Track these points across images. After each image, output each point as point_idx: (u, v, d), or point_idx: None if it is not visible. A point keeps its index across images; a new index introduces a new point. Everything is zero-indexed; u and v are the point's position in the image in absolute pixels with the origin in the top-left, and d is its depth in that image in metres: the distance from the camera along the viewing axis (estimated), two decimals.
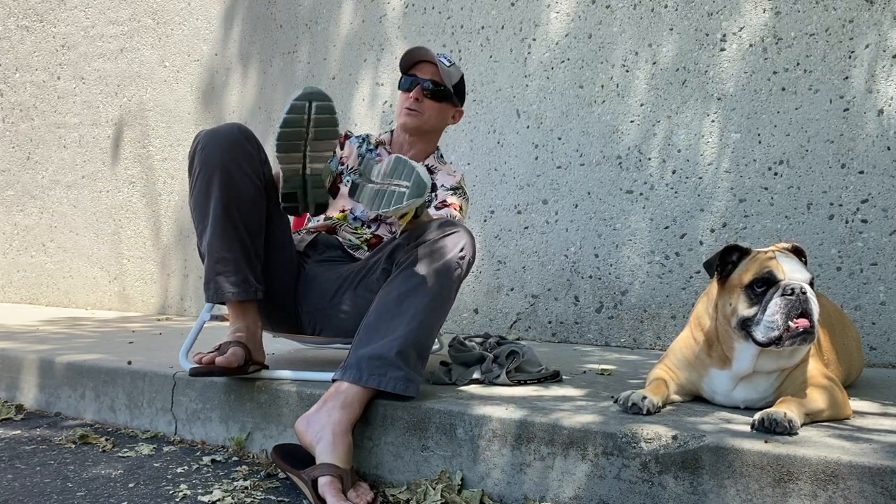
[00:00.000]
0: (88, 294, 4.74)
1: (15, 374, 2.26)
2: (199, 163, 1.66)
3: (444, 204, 1.92)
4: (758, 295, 1.36)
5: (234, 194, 1.65)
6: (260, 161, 1.72)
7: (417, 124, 1.96)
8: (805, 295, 1.32)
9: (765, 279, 1.36)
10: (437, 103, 1.96)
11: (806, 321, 1.31)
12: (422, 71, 1.96)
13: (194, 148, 1.67)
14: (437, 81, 1.94)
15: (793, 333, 1.31)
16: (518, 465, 1.35)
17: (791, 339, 1.31)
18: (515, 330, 3.21)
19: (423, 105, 1.94)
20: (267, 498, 1.40)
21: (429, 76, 1.95)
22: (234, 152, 1.64)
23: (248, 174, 1.67)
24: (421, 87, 1.94)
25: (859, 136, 2.55)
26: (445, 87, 1.95)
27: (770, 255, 1.40)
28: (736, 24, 2.77)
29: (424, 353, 1.55)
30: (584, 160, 3.08)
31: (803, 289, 1.32)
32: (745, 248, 1.45)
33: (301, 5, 3.94)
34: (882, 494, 1.06)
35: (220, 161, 1.63)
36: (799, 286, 1.32)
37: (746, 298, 1.38)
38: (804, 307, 1.31)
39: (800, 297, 1.31)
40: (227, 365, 1.59)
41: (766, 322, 1.33)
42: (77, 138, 4.83)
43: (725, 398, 1.47)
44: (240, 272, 1.67)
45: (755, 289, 1.37)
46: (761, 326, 1.34)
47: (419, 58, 1.96)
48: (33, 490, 1.43)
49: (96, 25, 4.78)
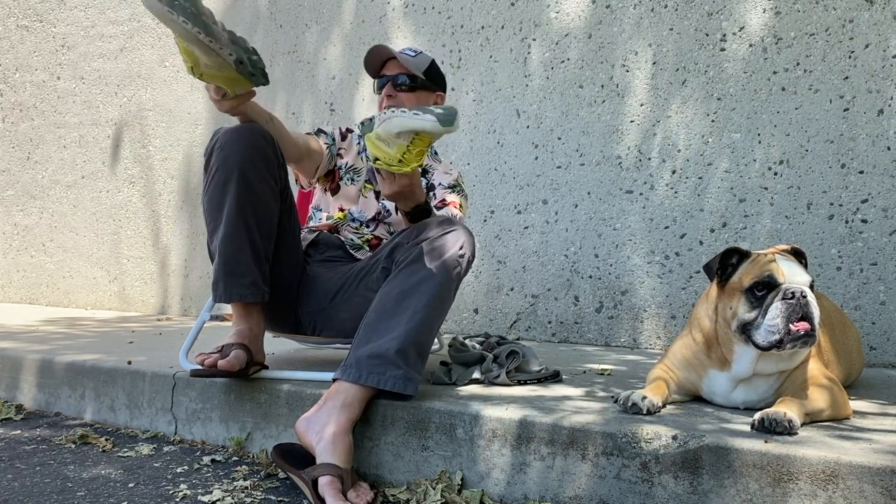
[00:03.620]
0: (88, 294, 4.74)
1: (15, 374, 2.26)
2: (216, 161, 1.65)
3: (444, 202, 1.92)
4: (758, 298, 1.36)
5: (249, 196, 1.64)
6: (277, 165, 1.71)
7: None
8: (806, 298, 1.32)
9: (765, 283, 1.36)
10: (412, 93, 1.95)
11: (807, 324, 1.31)
12: (389, 68, 1.96)
13: (212, 145, 1.66)
14: (406, 73, 1.94)
15: (794, 336, 1.31)
16: (518, 465, 1.35)
17: (792, 342, 1.31)
18: (515, 330, 3.21)
19: (398, 100, 1.94)
20: (267, 498, 1.40)
21: (395, 71, 1.95)
22: (252, 154, 1.63)
23: (264, 177, 1.66)
24: (392, 82, 1.94)
25: (859, 136, 2.55)
26: (416, 76, 1.95)
27: (770, 258, 1.40)
28: (736, 24, 2.77)
29: (424, 351, 1.54)
30: (584, 160, 3.08)
31: (804, 292, 1.32)
32: (745, 251, 1.45)
33: (301, 5, 3.94)
34: (882, 494, 1.06)
35: (238, 162, 1.62)
36: (800, 290, 1.33)
37: (747, 302, 1.38)
38: (805, 311, 1.31)
39: (800, 301, 1.31)
40: (228, 368, 1.59)
41: (766, 326, 1.33)
42: (77, 138, 4.83)
43: (724, 399, 1.47)
44: (249, 274, 1.67)
45: (755, 292, 1.37)
46: (762, 330, 1.34)
47: (383, 57, 1.96)
48: (33, 490, 1.43)
49: (96, 25, 4.77)
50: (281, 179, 1.74)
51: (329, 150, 1.94)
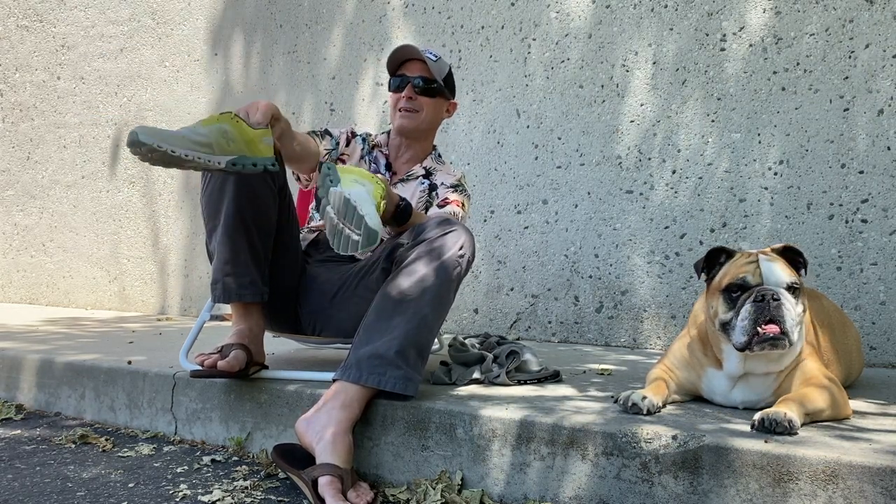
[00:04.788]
0: (88, 294, 4.74)
1: (15, 374, 2.26)
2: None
3: (447, 202, 1.92)
4: (733, 299, 1.39)
5: (248, 196, 1.64)
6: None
7: (415, 125, 1.93)
8: (778, 301, 1.32)
9: (738, 284, 1.38)
10: (431, 99, 1.93)
11: (776, 327, 1.32)
12: (410, 69, 1.93)
13: None
14: (427, 77, 1.92)
15: (762, 339, 1.32)
16: (518, 465, 1.35)
17: (760, 344, 1.33)
18: (515, 330, 3.21)
19: (417, 103, 1.91)
20: (267, 498, 1.40)
21: (417, 73, 1.92)
22: None
23: (263, 177, 1.66)
24: (412, 84, 1.91)
25: (859, 136, 2.55)
26: (437, 82, 1.93)
27: (751, 259, 1.41)
28: (736, 24, 2.77)
29: (424, 351, 1.54)
30: (584, 160, 3.08)
31: (775, 295, 1.33)
32: (732, 251, 1.47)
33: (301, 5, 3.94)
34: (882, 494, 1.06)
35: None
36: (771, 292, 1.33)
37: (724, 302, 1.40)
38: (774, 313, 1.32)
39: (770, 304, 1.32)
40: (228, 369, 1.59)
41: (738, 327, 1.35)
42: (77, 138, 4.83)
43: (724, 398, 1.47)
44: (248, 274, 1.67)
45: (732, 293, 1.39)
46: (736, 331, 1.36)
47: (406, 56, 1.93)
48: (33, 490, 1.43)
49: (96, 25, 4.77)
50: (279, 179, 1.74)
51: (329, 154, 1.93)
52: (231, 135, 1.45)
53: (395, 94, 1.94)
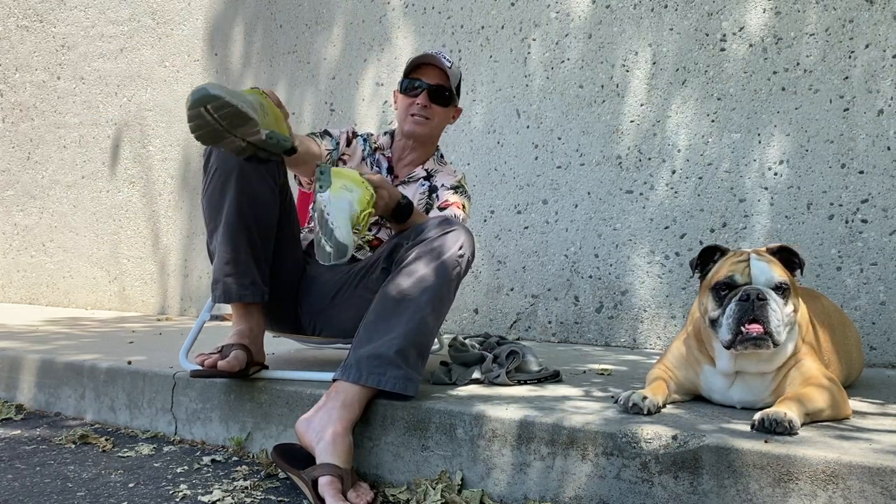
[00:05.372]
0: (88, 294, 4.74)
1: (15, 374, 2.26)
2: (215, 161, 1.65)
3: (447, 204, 1.92)
4: (721, 298, 1.40)
5: (248, 196, 1.65)
6: (275, 164, 1.71)
7: (427, 132, 1.91)
8: (763, 301, 1.33)
9: (725, 283, 1.39)
10: (444, 108, 1.91)
11: (759, 327, 1.32)
12: (427, 74, 1.88)
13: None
14: (444, 86, 1.89)
15: (745, 338, 1.33)
16: (518, 465, 1.35)
17: (743, 343, 1.34)
18: (515, 330, 3.21)
19: (431, 111, 1.88)
20: (267, 498, 1.40)
21: (435, 80, 1.87)
22: None
23: (263, 176, 1.66)
24: (428, 91, 1.87)
25: (859, 136, 2.55)
26: (451, 91, 1.91)
27: (742, 258, 1.41)
28: (736, 24, 2.77)
29: (424, 351, 1.54)
30: (584, 160, 3.08)
31: (761, 294, 1.34)
32: (725, 249, 1.48)
33: (301, 5, 3.94)
34: (882, 494, 1.06)
35: (236, 162, 1.62)
36: (756, 292, 1.34)
37: (713, 300, 1.41)
38: (758, 313, 1.32)
39: (755, 303, 1.33)
40: (228, 369, 1.59)
41: (724, 325, 1.37)
42: (77, 138, 4.83)
43: (722, 397, 1.47)
44: (248, 274, 1.67)
45: (720, 291, 1.40)
46: (722, 329, 1.37)
47: (426, 61, 1.89)
48: (33, 490, 1.43)
49: (96, 25, 4.78)
50: (280, 179, 1.74)
51: (330, 155, 1.93)
52: (266, 108, 1.47)
53: (408, 97, 1.89)
